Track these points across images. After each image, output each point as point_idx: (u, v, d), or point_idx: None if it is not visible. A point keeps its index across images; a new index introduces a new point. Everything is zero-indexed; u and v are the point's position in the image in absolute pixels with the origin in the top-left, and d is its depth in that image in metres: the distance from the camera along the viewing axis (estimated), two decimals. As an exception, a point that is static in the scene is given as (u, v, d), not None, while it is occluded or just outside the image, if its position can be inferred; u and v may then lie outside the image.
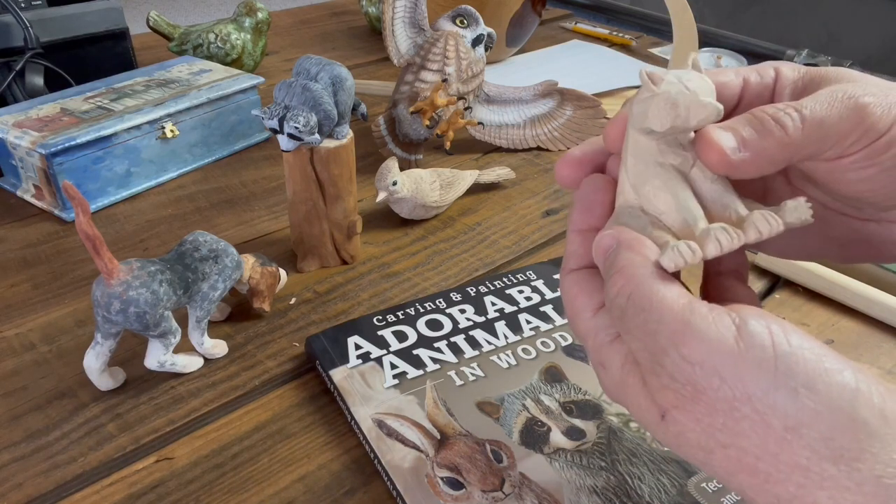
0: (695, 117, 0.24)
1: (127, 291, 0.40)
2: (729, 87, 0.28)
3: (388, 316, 0.48)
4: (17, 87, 0.72)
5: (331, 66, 0.51)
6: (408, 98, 0.69)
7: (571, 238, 0.28)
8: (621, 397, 0.25)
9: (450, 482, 0.36)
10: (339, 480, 0.39)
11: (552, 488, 0.36)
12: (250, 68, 0.90)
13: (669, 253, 0.23)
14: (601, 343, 0.25)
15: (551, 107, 0.77)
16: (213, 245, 0.45)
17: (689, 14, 0.76)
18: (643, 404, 0.24)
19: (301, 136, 0.49)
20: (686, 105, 0.24)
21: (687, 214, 0.24)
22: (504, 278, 0.52)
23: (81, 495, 0.38)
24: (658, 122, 0.24)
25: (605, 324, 0.26)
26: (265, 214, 0.64)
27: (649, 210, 0.25)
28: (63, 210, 0.63)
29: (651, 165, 0.25)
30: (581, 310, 0.26)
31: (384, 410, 0.41)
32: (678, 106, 0.24)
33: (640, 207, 0.26)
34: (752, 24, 1.94)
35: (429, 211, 0.62)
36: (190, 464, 0.40)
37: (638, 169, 0.26)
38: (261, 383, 0.45)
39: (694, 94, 0.24)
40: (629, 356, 0.25)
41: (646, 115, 0.25)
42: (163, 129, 0.67)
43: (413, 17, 0.71)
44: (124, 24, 0.83)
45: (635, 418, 0.25)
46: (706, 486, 0.36)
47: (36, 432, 0.42)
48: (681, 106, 0.24)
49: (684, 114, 0.24)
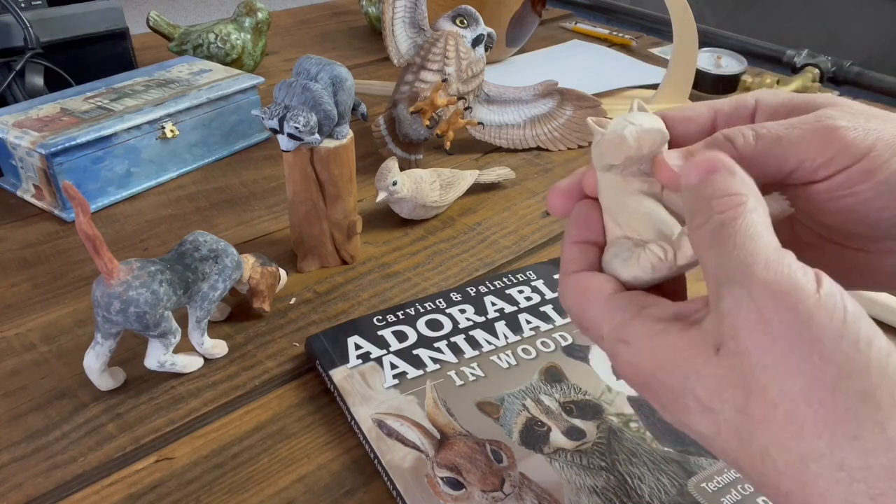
0: (645, 145, 0.26)
1: (127, 291, 0.40)
2: (696, 119, 0.29)
3: (388, 316, 0.48)
4: (17, 87, 0.73)
5: (331, 66, 0.51)
6: (408, 98, 0.69)
7: (569, 248, 0.29)
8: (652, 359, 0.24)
9: (450, 482, 0.36)
10: (339, 480, 0.39)
11: (552, 488, 0.36)
12: (250, 68, 0.90)
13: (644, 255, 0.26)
14: (622, 321, 0.25)
15: (551, 107, 0.77)
16: (213, 245, 0.45)
17: (689, 14, 0.76)
18: (688, 347, 0.23)
19: (301, 136, 0.49)
20: (633, 136, 0.26)
21: (663, 227, 0.26)
22: (504, 278, 0.52)
23: (81, 495, 0.38)
24: (613, 157, 0.27)
25: (625, 303, 0.26)
26: (265, 214, 0.64)
27: (632, 235, 0.27)
28: (63, 210, 0.63)
29: (622, 196, 0.28)
30: (594, 297, 0.26)
31: (384, 410, 0.41)
32: (626, 138, 0.26)
33: (625, 236, 0.28)
34: (752, 24, 1.94)
35: (429, 211, 0.62)
36: (190, 464, 0.40)
37: (612, 202, 0.28)
38: (261, 383, 0.45)
39: (638, 126, 0.26)
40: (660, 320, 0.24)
41: (602, 154, 0.27)
42: (163, 129, 0.67)
43: (413, 17, 0.71)
44: (124, 24, 0.83)
45: (669, 372, 0.24)
46: (706, 486, 0.36)
47: (36, 432, 0.42)
48: (628, 138, 0.26)
49: (634, 144, 0.26)
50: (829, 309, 0.21)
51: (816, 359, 0.20)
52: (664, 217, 0.27)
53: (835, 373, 0.20)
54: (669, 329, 0.24)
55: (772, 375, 0.21)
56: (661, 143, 0.27)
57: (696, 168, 0.25)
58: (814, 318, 0.21)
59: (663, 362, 0.24)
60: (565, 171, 0.72)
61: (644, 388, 0.25)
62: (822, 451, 0.20)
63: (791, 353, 0.21)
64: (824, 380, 0.20)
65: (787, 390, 0.21)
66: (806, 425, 0.20)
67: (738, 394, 0.22)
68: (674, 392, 0.23)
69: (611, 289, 0.26)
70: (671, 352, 0.24)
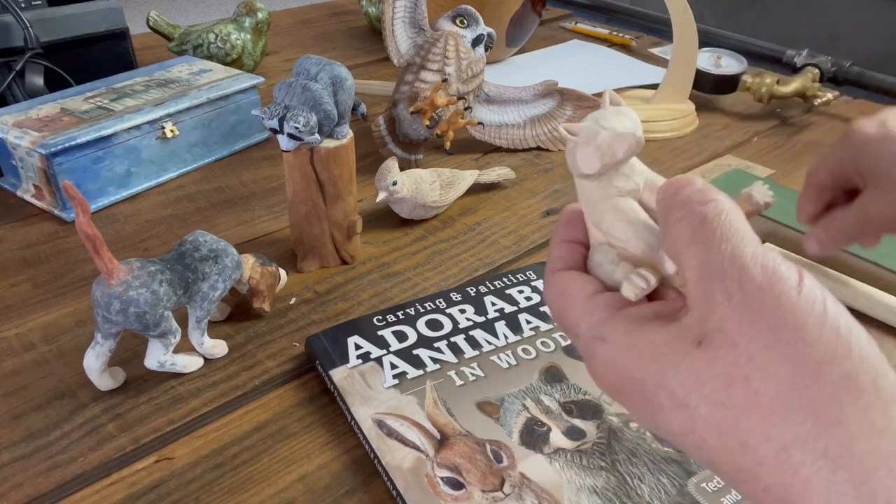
0: (619, 150, 0.25)
1: (127, 291, 0.40)
2: None
3: (388, 316, 0.48)
4: (17, 87, 0.73)
5: (331, 66, 0.51)
6: (408, 98, 0.69)
7: (556, 246, 0.29)
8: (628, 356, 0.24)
9: (450, 482, 0.36)
10: (339, 480, 0.39)
11: (552, 488, 0.36)
12: (250, 68, 0.90)
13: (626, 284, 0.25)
14: (600, 320, 0.25)
15: (551, 107, 0.77)
16: (213, 245, 0.45)
17: (689, 14, 0.76)
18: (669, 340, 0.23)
19: (301, 136, 0.49)
20: (606, 142, 0.25)
21: (646, 235, 0.26)
22: (504, 278, 0.52)
23: (81, 495, 0.38)
24: (588, 166, 0.26)
25: (604, 303, 0.26)
26: (265, 214, 0.64)
27: (615, 243, 0.27)
28: (63, 210, 0.63)
29: (601, 203, 0.27)
30: (574, 296, 0.27)
31: (384, 410, 0.41)
32: (599, 146, 0.25)
33: (607, 243, 0.27)
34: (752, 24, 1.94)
35: (429, 211, 0.62)
36: (190, 464, 0.40)
37: (592, 209, 0.27)
38: (261, 383, 0.45)
39: (610, 130, 0.25)
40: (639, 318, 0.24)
41: (575, 163, 0.26)
42: (163, 129, 0.67)
43: (413, 17, 0.71)
44: (124, 24, 0.83)
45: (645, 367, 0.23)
46: (706, 485, 0.36)
47: (36, 432, 0.42)
48: (601, 145, 0.25)
49: (608, 150, 0.25)
50: (810, 299, 0.21)
51: (801, 345, 0.21)
52: (646, 224, 0.26)
53: (818, 357, 0.20)
54: (648, 325, 0.24)
55: (757, 364, 0.21)
56: (637, 147, 0.26)
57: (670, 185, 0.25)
58: (798, 306, 0.21)
59: (640, 358, 0.24)
60: (565, 170, 0.72)
61: (618, 390, 0.25)
62: (806, 437, 0.20)
63: (777, 341, 0.21)
64: (808, 365, 0.20)
65: (771, 377, 0.21)
66: (790, 411, 0.20)
67: (719, 386, 0.22)
68: (648, 392, 0.23)
69: (592, 290, 0.27)
70: (649, 346, 0.24)
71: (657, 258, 0.26)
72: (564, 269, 0.28)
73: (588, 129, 0.26)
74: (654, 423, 0.24)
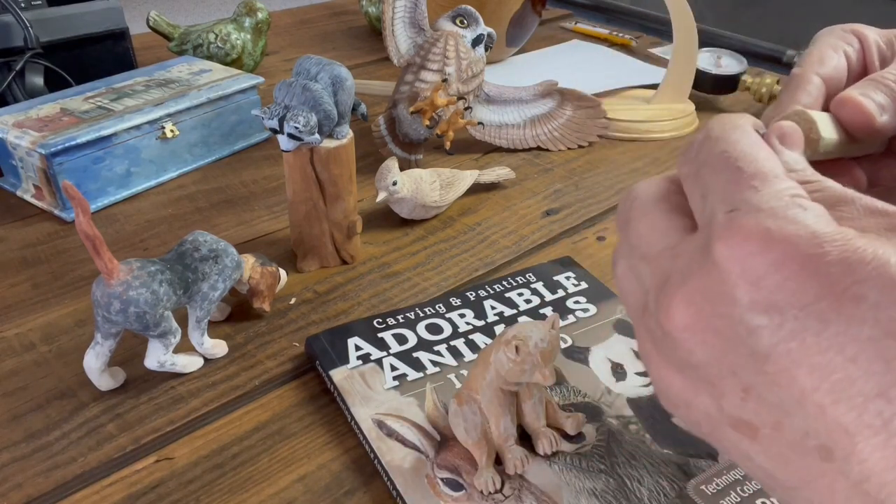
0: (531, 377, 0.35)
1: (127, 291, 0.40)
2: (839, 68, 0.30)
3: (388, 319, 0.48)
4: (17, 87, 0.72)
5: (331, 66, 0.51)
6: (408, 98, 0.69)
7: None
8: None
9: (450, 483, 0.36)
10: (339, 480, 0.39)
11: (551, 491, 0.36)
12: (250, 68, 0.90)
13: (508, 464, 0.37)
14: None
15: (551, 107, 0.77)
16: (213, 245, 0.45)
17: (689, 14, 0.76)
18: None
19: (301, 136, 0.49)
20: (530, 369, 0.35)
21: (507, 431, 0.37)
22: (503, 281, 0.52)
23: (81, 495, 0.38)
24: (511, 379, 0.36)
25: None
26: (265, 214, 0.64)
27: (487, 414, 0.37)
28: (63, 210, 0.63)
29: (496, 390, 0.37)
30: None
31: (384, 411, 0.41)
32: (524, 372, 0.35)
33: (480, 407, 0.37)
34: (752, 24, 1.94)
35: (429, 211, 0.62)
36: (190, 464, 0.40)
37: (486, 384, 0.37)
38: (261, 383, 0.45)
39: (539, 365, 0.35)
40: None
41: (502, 373, 0.36)
42: (163, 129, 0.67)
43: (413, 17, 0.71)
44: (124, 24, 0.83)
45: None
46: (705, 488, 0.36)
47: (36, 432, 0.42)
48: (527, 373, 0.35)
49: (528, 376, 0.35)
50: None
51: None
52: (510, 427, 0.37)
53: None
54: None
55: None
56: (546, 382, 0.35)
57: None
58: None
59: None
60: (565, 170, 0.72)
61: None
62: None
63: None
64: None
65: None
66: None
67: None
68: None
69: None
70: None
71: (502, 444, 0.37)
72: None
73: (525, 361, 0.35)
74: None
